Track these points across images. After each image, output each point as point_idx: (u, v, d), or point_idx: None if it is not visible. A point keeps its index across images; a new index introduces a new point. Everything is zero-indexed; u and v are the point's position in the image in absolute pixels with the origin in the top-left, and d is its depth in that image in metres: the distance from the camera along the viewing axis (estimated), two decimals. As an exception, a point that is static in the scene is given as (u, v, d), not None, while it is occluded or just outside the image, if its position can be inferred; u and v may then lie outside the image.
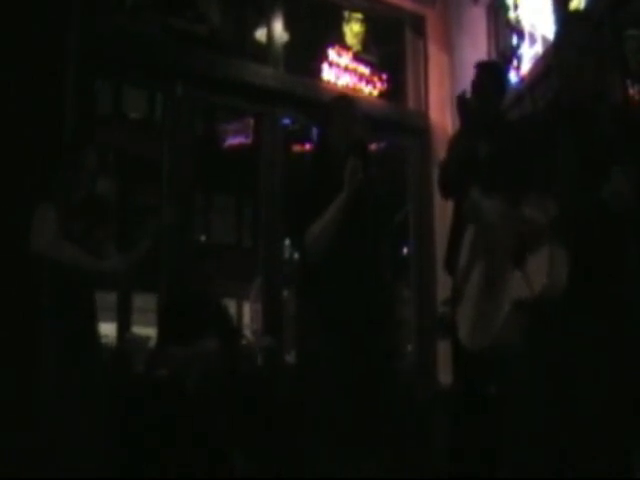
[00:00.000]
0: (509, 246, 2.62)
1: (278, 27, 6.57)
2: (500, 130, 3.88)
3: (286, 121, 7.11)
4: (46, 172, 4.02)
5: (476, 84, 4.21)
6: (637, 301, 2.64)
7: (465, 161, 3.97)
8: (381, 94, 7.22)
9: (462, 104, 4.10)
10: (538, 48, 6.22)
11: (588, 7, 5.15)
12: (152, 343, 5.15)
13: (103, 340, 5.48)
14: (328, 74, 6.97)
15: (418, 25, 7.35)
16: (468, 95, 4.16)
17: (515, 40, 6.63)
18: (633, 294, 2.62)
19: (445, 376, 5.61)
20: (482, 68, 4.30)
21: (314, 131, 6.32)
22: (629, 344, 2.56)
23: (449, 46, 7.22)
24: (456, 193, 4.11)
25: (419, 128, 7.15)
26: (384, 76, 7.27)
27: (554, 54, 2.81)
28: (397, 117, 7.18)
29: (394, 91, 7.30)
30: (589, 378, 2.52)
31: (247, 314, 11.36)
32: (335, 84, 6.94)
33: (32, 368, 3.73)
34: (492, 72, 4.34)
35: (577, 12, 4.50)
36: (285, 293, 6.57)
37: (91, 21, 5.24)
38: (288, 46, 6.68)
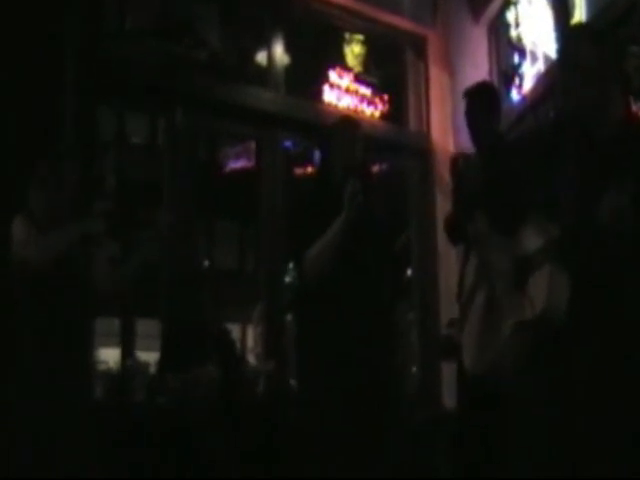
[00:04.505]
0: (511, 269, 2.59)
1: (279, 50, 6.57)
2: (501, 153, 3.81)
3: (287, 144, 7.08)
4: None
5: (468, 114, 4.11)
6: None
7: (470, 195, 3.87)
8: (382, 115, 7.21)
9: (454, 166, 4.04)
10: (540, 66, 6.20)
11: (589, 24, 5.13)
12: (153, 369, 5.11)
13: (102, 366, 5.40)
14: (329, 96, 6.94)
15: (419, 46, 7.35)
16: (461, 159, 4.07)
17: (517, 58, 6.61)
18: (635, 312, 2.57)
19: (449, 399, 5.55)
20: (470, 95, 4.18)
21: (316, 154, 6.28)
22: (633, 362, 2.52)
23: (450, 66, 7.21)
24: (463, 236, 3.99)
25: (420, 149, 7.13)
26: (385, 97, 7.25)
27: (557, 72, 2.78)
28: (398, 138, 7.16)
29: (395, 112, 7.28)
30: (594, 398, 2.46)
31: (251, 338, 11.33)
32: (336, 106, 6.91)
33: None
34: (481, 96, 4.22)
35: (579, 27, 4.47)
36: (288, 317, 6.52)
37: (91, 46, 5.23)
38: (289, 69, 6.67)
